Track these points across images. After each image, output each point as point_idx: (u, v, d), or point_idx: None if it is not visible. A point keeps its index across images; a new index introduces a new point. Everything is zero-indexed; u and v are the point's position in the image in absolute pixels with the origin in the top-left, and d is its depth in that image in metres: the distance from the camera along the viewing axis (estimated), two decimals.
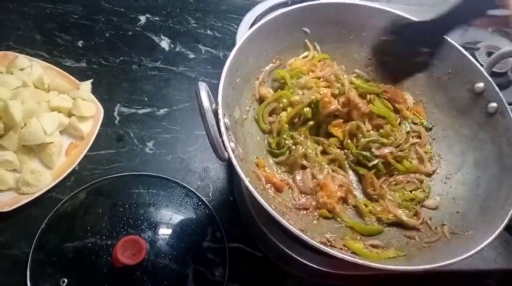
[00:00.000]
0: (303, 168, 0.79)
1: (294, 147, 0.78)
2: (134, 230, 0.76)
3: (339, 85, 0.82)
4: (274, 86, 0.83)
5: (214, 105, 0.61)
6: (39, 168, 0.82)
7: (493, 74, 0.93)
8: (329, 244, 0.66)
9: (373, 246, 0.69)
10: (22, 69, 0.90)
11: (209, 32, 1.15)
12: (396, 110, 0.86)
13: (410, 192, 0.79)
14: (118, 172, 0.86)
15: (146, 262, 0.72)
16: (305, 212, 0.73)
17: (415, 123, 0.86)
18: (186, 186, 0.85)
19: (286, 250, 0.74)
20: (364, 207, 0.76)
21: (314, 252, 0.71)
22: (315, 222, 0.73)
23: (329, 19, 0.82)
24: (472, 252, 0.60)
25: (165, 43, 1.09)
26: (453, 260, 0.59)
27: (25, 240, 0.75)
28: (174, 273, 0.74)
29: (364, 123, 0.80)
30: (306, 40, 0.84)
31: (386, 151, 0.78)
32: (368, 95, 0.85)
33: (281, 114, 0.79)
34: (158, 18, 1.14)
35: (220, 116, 0.61)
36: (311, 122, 0.80)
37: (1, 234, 0.76)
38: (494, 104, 0.75)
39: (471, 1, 0.70)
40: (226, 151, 0.59)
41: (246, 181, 0.57)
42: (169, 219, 0.80)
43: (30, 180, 0.78)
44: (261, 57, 0.79)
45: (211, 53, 1.10)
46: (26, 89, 0.86)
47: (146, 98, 0.98)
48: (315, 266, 0.73)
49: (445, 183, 0.80)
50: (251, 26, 0.99)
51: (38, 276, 0.71)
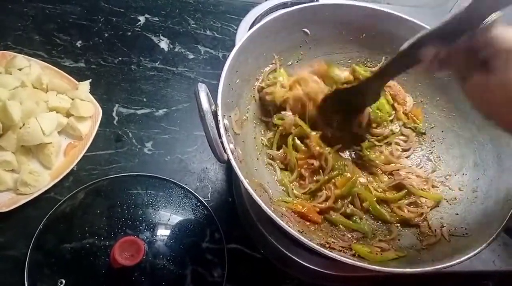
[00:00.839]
0: None
1: None
2: (132, 230, 0.76)
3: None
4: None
5: (213, 107, 0.61)
6: (38, 168, 0.82)
7: None
8: (327, 246, 0.65)
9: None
10: (20, 69, 0.90)
11: (208, 32, 1.14)
12: (393, 108, 0.86)
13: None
14: (117, 173, 0.86)
15: (144, 263, 0.71)
16: None
17: (407, 127, 0.86)
18: (185, 186, 0.85)
19: (285, 251, 0.73)
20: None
21: (313, 253, 0.71)
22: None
23: (328, 20, 0.82)
24: (470, 254, 0.59)
25: (164, 44, 1.09)
26: (451, 263, 0.59)
27: (23, 241, 0.75)
28: (172, 274, 0.73)
29: None
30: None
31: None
32: None
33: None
34: (157, 19, 1.13)
35: (219, 117, 0.60)
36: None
37: None
38: None
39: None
40: (225, 152, 0.58)
41: (245, 183, 0.57)
42: (167, 219, 0.80)
43: (28, 180, 0.78)
44: (260, 58, 0.79)
45: (211, 53, 1.10)
46: (24, 90, 0.86)
47: (145, 99, 0.98)
48: (314, 267, 0.73)
49: (444, 184, 0.80)
50: (251, 27, 0.99)
51: (36, 276, 0.71)
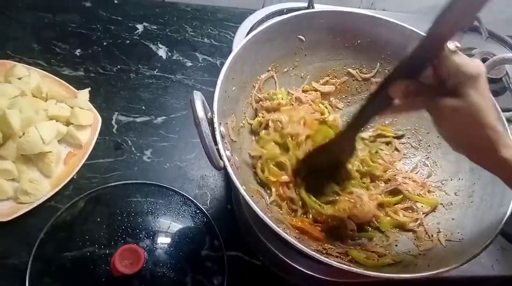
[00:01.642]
0: None
1: None
2: (133, 239, 0.76)
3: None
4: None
5: (209, 114, 0.62)
6: (38, 177, 0.83)
7: (488, 81, 0.93)
8: (324, 251, 0.66)
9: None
10: (20, 78, 0.90)
11: (206, 40, 1.15)
12: None
13: None
14: (116, 181, 0.86)
15: (145, 271, 0.71)
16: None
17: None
18: (184, 194, 0.85)
19: (284, 258, 0.74)
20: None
21: (311, 260, 0.71)
22: None
23: (324, 27, 0.83)
24: (466, 259, 0.60)
25: (162, 52, 1.10)
26: (448, 268, 0.59)
27: (23, 249, 0.75)
28: (172, 282, 0.74)
29: None
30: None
31: None
32: None
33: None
34: (155, 27, 1.14)
35: (215, 125, 0.61)
36: None
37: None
38: None
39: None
40: (221, 159, 0.59)
41: (242, 190, 0.57)
42: (167, 227, 0.80)
43: (29, 189, 0.78)
44: (256, 65, 0.79)
45: (208, 61, 1.11)
46: (24, 98, 0.86)
47: (143, 107, 0.99)
48: (314, 274, 0.73)
49: (440, 189, 0.80)
50: (247, 34, 1.00)
51: (37, 285, 0.71)
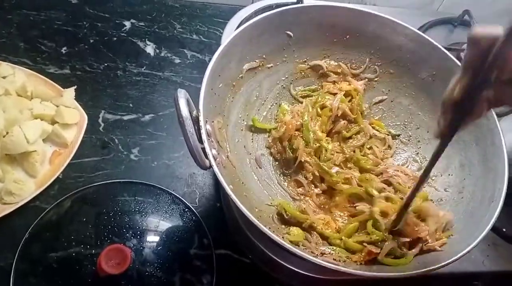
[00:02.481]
0: None
1: None
2: (119, 238, 0.76)
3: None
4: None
5: (195, 112, 0.61)
6: (22, 177, 0.81)
7: None
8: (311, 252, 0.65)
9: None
10: (4, 77, 0.89)
11: (195, 36, 1.14)
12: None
13: None
14: (103, 180, 0.85)
15: (131, 271, 0.71)
16: None
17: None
18: (172, 192, 0.84)
19: (273, 256, 0.73)
20: None
21: (300, 258, 0.71)
22: None
23: (312, 22, 0.81)
24: (458, 255, 0.59)
25: (150, 49, 1.08)
26: (439, 265, 0.58)
27: (8, 250, 0.74)
28: (160, 282, 0.73)
29: None
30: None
31: None
32: None
33: None
34: (143, 24, 1.13)
35: (201, 123, 0.60)
36: None
37: None
38: None
39: None
40: (207, 158, 0.58)
41: (228, 189, 0.56)
42: (155, 226, 0.79)
43: (13, 189, 0.77)
44: (244, 61, 0.78)
45: (197, 57, 1.10)
46: (8, 98, 0.85)
47: (131, 104, 0.98)
48: (303, 272, 0.73)
49: (430, 185, 0.79)
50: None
51: None
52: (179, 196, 0.84)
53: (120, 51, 1.06)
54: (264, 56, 0.81)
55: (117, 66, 1.03)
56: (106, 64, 1.03)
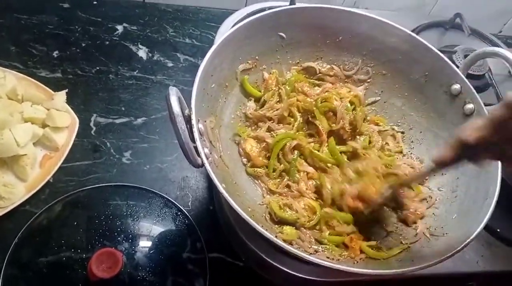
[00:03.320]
0: None
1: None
2: (111, 242, 0.75)
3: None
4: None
5: (187, 111, 0.60)
6: (13, 180, 0.80)
7: (471, 77, 0.94)
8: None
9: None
10: None
11: (187, 40, 1.14)
12: None
13: None
14: (95, 183, 0.84)
15: (123, 275, 0.70)
16: None
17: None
18: (165, 196, 0.83)
19: (267, 259, 0.72)
20: None
21: (295, 259, 0.70)
22: None
23: (304, 24, 0.82)
24: (450, 253, 0.59)
25: (142, 52, 1.08)
26: (432, 262, 0.58)
27: None
28: None
29: None
30: None
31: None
32: None
33: None
34: (135, 27, 1.13)
35: (193, 121, 0.60)
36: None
37: None
38: (471, 105, 0.76)
39: None
40: (199, 156, 0.57)
41: (221, 188, 0.56)
42: (147, 230, 0.79)
43: (3, 193, 0.76)
44: (236, 62, 0.78)
45: (190, 61, 1.10)
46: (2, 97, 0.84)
47: (123, 108, 0.97)
48: (297, 274, 0.72)
49: (423, 184, 0.79)
50: None
51: None
52: (172, 199, 0.83)
53: (112, 55, 1.05)
54: (257, 57, 0.81)
55: (109, 70, 1.03)
56: (98, 68, 1.02)
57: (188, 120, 0.59)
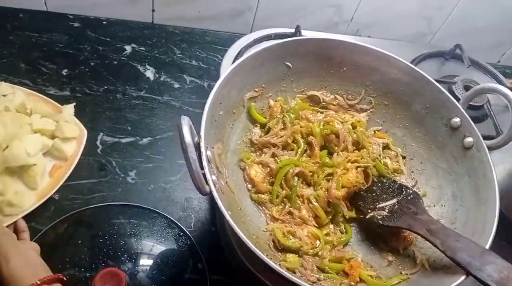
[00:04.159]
0: None
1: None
2: (114, 261, 0.76)
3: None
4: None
5: (196, 138, 0.62)
6: (23, 189, 0.82)
7: (470, 107, 0.96)
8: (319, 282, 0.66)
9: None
10: (4, 95, 0.90)
11: (194, 62, 1.16)
12: None
13: None
14: (99, 202, 0.85)
15: None
16: None
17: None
18: (168, 216, 0.85)
19: (269, 284, 0.73)
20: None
21: None
22: None
23: (310, 54, 0.84)
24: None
25: (150, 73, 1.10)
26: None
27: None
28: None
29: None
30: None
31: None
32: None
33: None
34: (143, 48, 1.15)
35: (202, 149, 0.61)
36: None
37: None
38: (470, 139, 0.77)
39: None
40: (207, 184, 0.59)
41: (228, 217, 0.57)
42: (150, 250, 0.80)
43: (14, 200, 0.77)
44: (244, 90, 0.80)
45: (196, 83, 1.12)
46: (7, 113, 0.86)
47: (129, 127, 0.99)
48: None
49: None
50: (236, 58, 1.02)
51: None
52: (175, 220, 0.84)
53: (120, 75, 1.07)
54: (263, 85, 0.84)
55: (116, 90, 1.05)
56: (106, 87, 1.04)
57: (197, 147, 0.61)
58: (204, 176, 0.59)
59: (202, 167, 0.60)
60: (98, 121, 0.98)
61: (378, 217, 0.75)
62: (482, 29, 1.35)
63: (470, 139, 0.77)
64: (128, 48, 1.14)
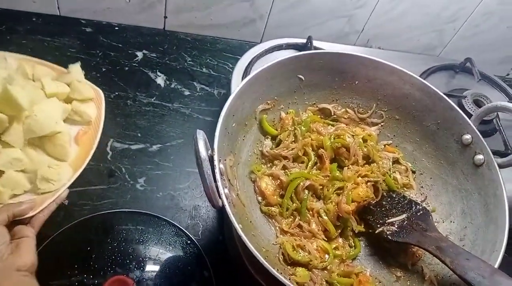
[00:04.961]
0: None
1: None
2: (122, 269, 0.76)
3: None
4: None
5: (209, 151, 0.62)
6: (54, 162, 0.75)
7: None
8: None
9: None
10: None
11: (204, 70, 1.17)
12: None
13: None
14: (108, 208, 0.86)
15: None
16: None
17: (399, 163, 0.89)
18: (176, 224, 0.85)
19: None
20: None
21: None
22: None
23: (323, 68, 0.84)
24: None
25: (160, 80, 1.11)
26: None
27: None
28: None
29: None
30: None
31: None
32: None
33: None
34: (155, 55, 1.15)
35: (215, 162, 0.61)
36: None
37: None
38: (481, 156, 0.77)
39: None
40: (220, 197, 0.59)
41: (240, 230, 0.57)
42: (157, 258, 0.80)
43: (49, 175, 0.70)
44: (256, 102, 0.81)
45: (206, 90, 1.12)
46: (17, 76, 0.78)
47: (139, 134, 0.99)
48: None
49: None
50: (247, 68, 1.02)
51: None
52: (183, 228, 0.85)
53: (131, 81, 1.08)
54: (276, 97, 0.84)
55: (127, 96, 1.05)
56: (117, 93, 1.05)
57: (210, 160, 0.61)
58: (217, 189, 0.59)
59: (215, 180, 0.60)
60: (109, 127, 0.97)
61: (388, 232, 0.76)
62: (492, 43, 1.36)
63: (480, 157, 0.77)
64: (139, 54, 1.14)
